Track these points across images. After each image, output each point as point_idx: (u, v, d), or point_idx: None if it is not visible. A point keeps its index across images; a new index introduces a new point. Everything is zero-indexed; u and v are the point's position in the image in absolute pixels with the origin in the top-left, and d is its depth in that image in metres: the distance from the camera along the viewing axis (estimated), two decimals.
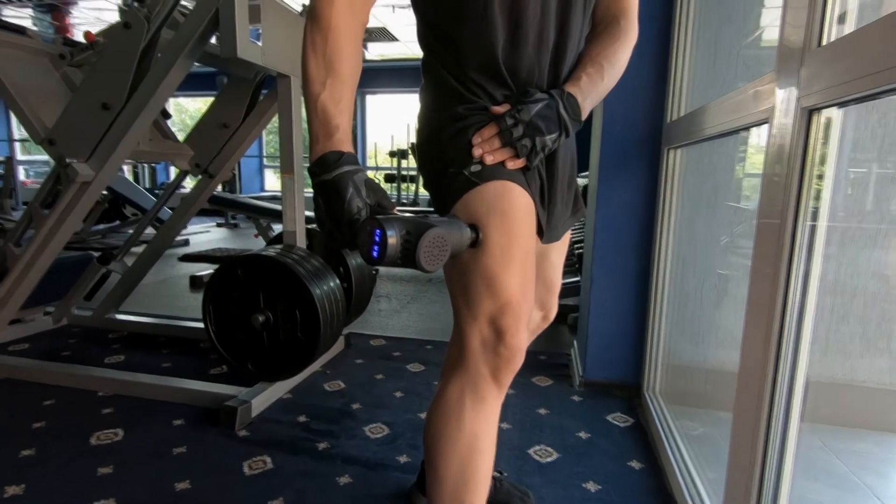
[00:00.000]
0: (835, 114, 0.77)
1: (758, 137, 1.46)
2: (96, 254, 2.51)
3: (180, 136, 2.50)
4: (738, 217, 1.49)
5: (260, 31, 1.76)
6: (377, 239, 0.68)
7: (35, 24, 6.58)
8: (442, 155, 0.86)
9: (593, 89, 0.88)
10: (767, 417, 0.82)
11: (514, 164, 0.83)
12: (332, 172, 0.72)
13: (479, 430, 0.85)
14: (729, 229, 1.47)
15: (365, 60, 8.27)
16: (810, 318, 0.80)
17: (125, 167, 8.29)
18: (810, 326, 0.81)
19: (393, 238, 0.68)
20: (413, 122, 0.94)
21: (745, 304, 0.90)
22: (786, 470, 0.83)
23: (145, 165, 8.85)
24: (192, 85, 8.24)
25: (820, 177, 0.78)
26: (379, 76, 8.74)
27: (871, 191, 1.27)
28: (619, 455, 1.53)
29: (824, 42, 0.75)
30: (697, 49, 1.60)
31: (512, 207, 0.81)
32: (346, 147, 0.75)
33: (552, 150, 0.86)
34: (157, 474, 1.39)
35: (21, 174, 8.94)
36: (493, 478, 1.22)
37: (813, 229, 0.79)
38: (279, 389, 1.86)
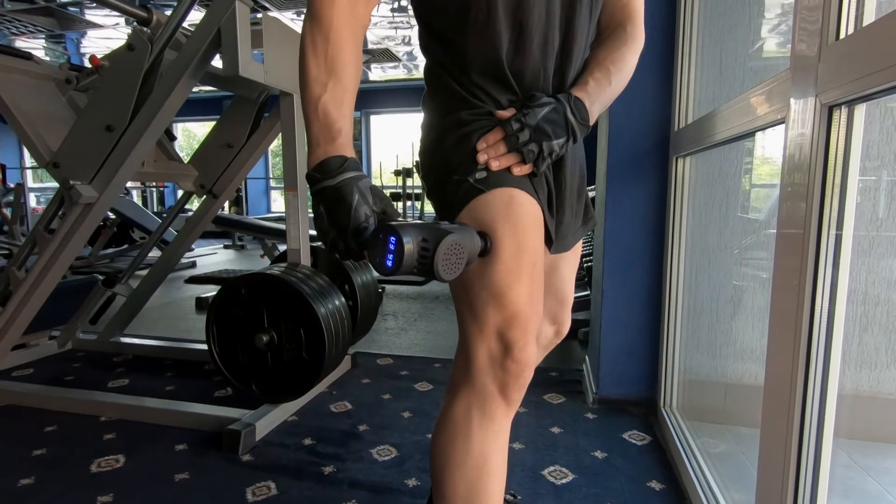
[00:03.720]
0: (857, 110, 0.73)
1: (762, 148, 1.43)
2: (102, 277, 2.50)
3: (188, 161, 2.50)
4: (749, 228, 1.45)
5: (262, 51, 1.76)
6: (392, 247, 0.64)
7: (47, 55, 6.72)
8: (446, 162, 0.83)
9: (601, 94, 0.85)
10: (799, 434, 0.77)
11: (520, 170, 0.80)
12: (335, 178, 0.70)
13: (488, 451, 0.80)
14: (740, 240, 1.43)
15: (369, 81, 8.38)
16: (840, 330, 0.76)
17: (133, 191, 8.38)
18: (840, 339, 0.76)
19: (409, 245, 0.64)
20: (417, 141, 0.92)
21: (763, 315, 0.86)
22: (821, 489, 0.77)
23: (153, 189, 8.94)
24: (200, 109, 8.40)
25: (844, 179, 0.74)
26: (382, 97, 8.84)
27: (885, 197, 1.22)
28: (637, 475, 1.46)
29: (843, 35, 0.72)
30: (703, 57, 1.57)
31: (519, 216, 0.78)
32: (349, 152, 0.73)
33: (560, 155, 0.83)
34: (158, 502, 1.34)
35: (32, 201, 9.05)
36: (506, 500, 1.16)
37: (839, 238, 0.75)
38: (284, 411, 1.82)
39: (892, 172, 1.08)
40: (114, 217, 4.85)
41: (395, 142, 9.31)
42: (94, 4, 5.17)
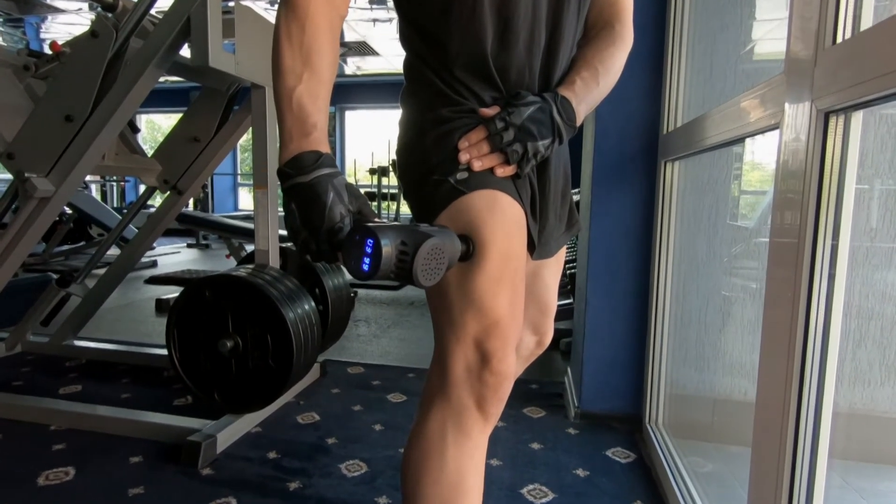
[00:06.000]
0: (854, 117, 0.71)
1: (752, 154, 1.42)
2: (56, 276, 2.38)
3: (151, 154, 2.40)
4: (738, 236, 1.44)
5: (234, 41, 1.70)
6: (369, 250, 0.61)
7: (4, 40, 6.46)
8: (425, 161, 0.79)
9: (588, 94, 0.83)
10: (792, 454, 0.75)
11: (503, 172, 0.77)
12: (309, 175, 0.66)
13: (463, 468, 0.76)
14: (729, 249, 1.42)
15: (345, 75, 8.26)
16: (835, 345, 0.73)
17: (93, 185, 8.12)
18: (836, 354, 0.73)
19: (388, 248, 0.61)
20: (394, 138, 0.89)
21: (753, 328, 0.83)
22: None
23: (114, 184, 8.68)
24: (165, 101, 8.16)
25: (840, 188, 0.71)
26: (359, 91, 8.73)
27: (879, 207, 1.21)
28: (621, 495, 1.42)
29: (839, 39, 0.69)
30: (693, 59, 1.56)
31: (502, 219, 0.75)
32: (324, 147, 0.69)
33: (545, 157, 0.80)
34: None
35: None
36: None
37: (835, 248, 0.72)
38: (248, 422, 1.75)
39: (887, 181, 1.07)
40: (71, 212, 4.68)
41: (372, 139, 9.23)
42: None
